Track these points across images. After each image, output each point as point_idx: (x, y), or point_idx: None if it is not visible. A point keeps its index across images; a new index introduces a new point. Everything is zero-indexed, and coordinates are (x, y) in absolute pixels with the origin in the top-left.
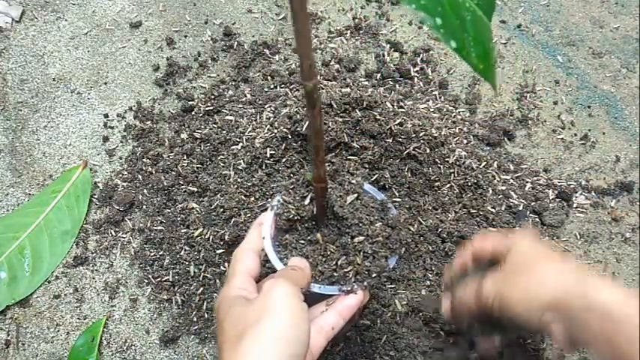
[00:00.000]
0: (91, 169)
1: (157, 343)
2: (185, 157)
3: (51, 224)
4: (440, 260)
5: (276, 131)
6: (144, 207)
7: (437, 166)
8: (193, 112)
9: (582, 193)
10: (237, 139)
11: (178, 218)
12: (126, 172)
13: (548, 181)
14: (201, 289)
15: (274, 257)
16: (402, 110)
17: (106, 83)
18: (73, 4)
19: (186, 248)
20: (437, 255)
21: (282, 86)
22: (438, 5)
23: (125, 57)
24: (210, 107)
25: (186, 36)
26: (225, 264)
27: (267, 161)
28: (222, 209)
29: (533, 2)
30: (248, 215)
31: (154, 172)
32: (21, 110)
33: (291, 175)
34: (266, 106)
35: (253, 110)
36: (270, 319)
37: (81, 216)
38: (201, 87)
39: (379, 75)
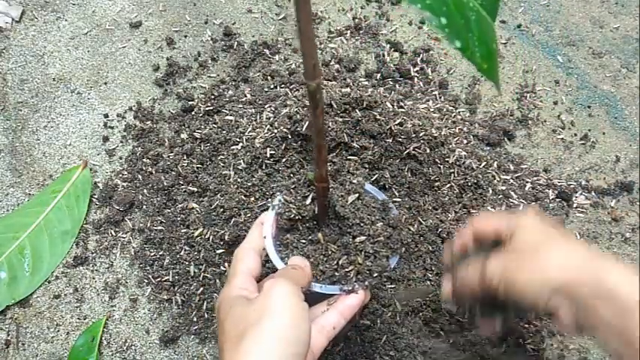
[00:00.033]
0: (91, 169)
1: (157, 343)
2: (185, 157)
3: (51, 224)
4: (440, 260)
5: (276, 131)
6: (144, 207)
7: (437, 166)
8: (193, 112)
9: (582, 193)
10: (237, 139)
11: (178, 218)
12: (126, 172)
13: (548, 181)
14: (201, 289)
15: (275, 257)
16: (402, 110)
17: (106, 83)
18: (73, 4)
19: (186, 248)
20: (437, 255)
21: (282, 86)
22: (443, 5)
23: (125, 57)
24: (210, 107)
25: (186, 36)
26: (226, 264)
27: (267, 161)
28: (222, 209)
29: (533, 2)
30: (248, 215)
31: (153, 172)
32: (21, 110)
33: (291, 175)
34: (266, 106)
35: (253, 110)
36: (271, 318)
37: (81, 216)
38: (201, 87)
39: (379, 75)
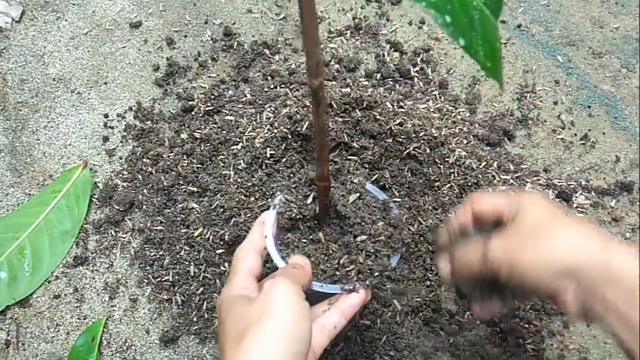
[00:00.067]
0: (91, 169)
1: (157, 343)
2: (185, 157)
3: (51, 224)
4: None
5: (276, 131)
6: (144, 207)
7: (437, 166)
8: (193, 112)
9: (582, 193)
10: (237, 139)
11: (178, 218)
12: (126, 172)
13: (548, 181)
14: (201, 289)
15: (276, 256)
16: (402, 110)
17: (106, 83)
18: (73, 4)
19: (186, 248)
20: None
21: (282, 86)
22: (448, 3)
23: (125, 57)
24: (210, 107)
25: (186, 36)
26: (226, 264)
27: (267, 161)
28: (222, 209)
29: (533, 2)
30: (248, 215)
31: (153, 172)
32: (21, 110)
33: (291, 175)
34: (266, 106)
35: (253, 110)
36: (272, 317)
37: (81, 216)
38: (201, 87)
39: (379, 75)
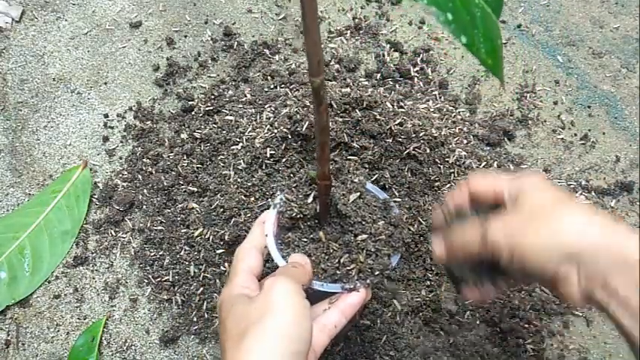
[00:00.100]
0: (91, 169)
1: (157, 343)
2: (185, 157)
3: (51, 224)
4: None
5: (276, 131)
6: (144, 207)
7: (437, 166)
8: (193, 112)
9: (582, 193)
10: (237, 139)
11: (178, 218)
12: (126, 172)
13: None
14: (201, 289)
15: (277, 255)
16: (402, 110)
17: (106, 83)
18: (73, 4)
19: (186, 248)
20: None
21: (282, 86)
22: (449, 1)
23: (125, 57)
24: (210, 107)
25: (186, 36)
26: (226, 264)
27: (267, 161)
28: (222, 209)
29: (533, 2)
30: (248, 215)
31: (153, 172)
32: (21, 110)
33: (291, 175)
34: (266, 106)
35: (253, 110)
36: (273, 316)
37: (81, 216)
38: (201, 87)
39: (379, 75)
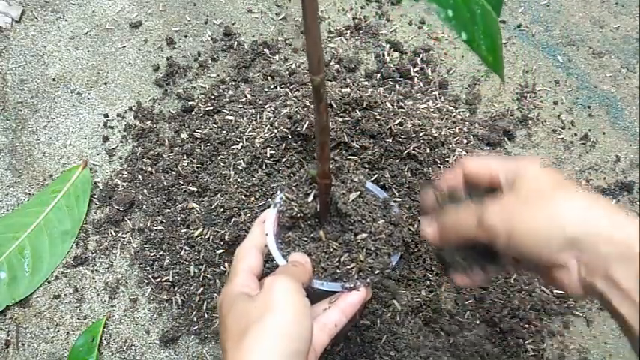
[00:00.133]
0: (91, 169)
1: (157, 343)
2: (185, 157)
3: (51, 224)
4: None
5: (276, 131)
6: (144, 207)
7: (437, 166)
8: (193, 112)
9: None
10: (237, 139)
11: (178, 218)
12: (126, 172)
13: None
14: (201, 289)
15: (277, 254)
16: (402, 110)
17: (106, 83)
18: (73, 4)
19: (186, 248)
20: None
21: (282, 86)
22: None
23: (125, 57)
24: (210, 107)
25: (186, 36)
26: (226, 264)
27: (267, 161)
28: (222, 209)
29: (533, 2)
30: (248, 215)
31: (153, 172)
32: (21, 110)
33: (291, 175)
34: (266, 106)
35: (253, 110)
36: (273, 315)
37: (81, 216)
38: (201, 87)
39: (379, 75)
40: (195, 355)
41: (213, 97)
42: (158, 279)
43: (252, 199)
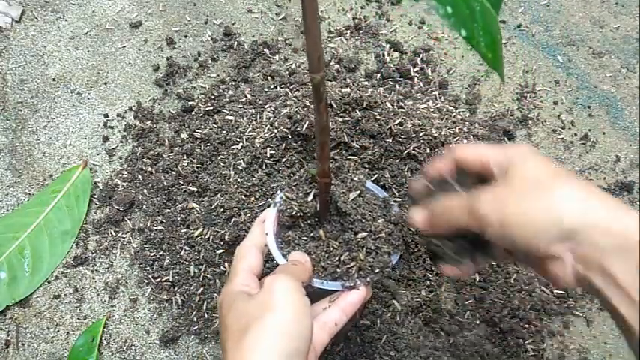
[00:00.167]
0: (91, 169)
1: (157, 343)
2: (185, 157)
3: (51, 224)
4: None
5: (276, 131)
6: (144, 207)
7: None
8: (193, 112)
9: None
10: (237, 139)
11: (178, 218)
12: (126, 172)
13: None
14: (201, 289)
15: (277, 253)
16: (402, 110)
17: (106, 83)
18: (73, 4)
19: (186, 248)
20: None
21: (282, 86)
22: None
23: (125, 57)
24: (210, 107)
25: (186, 36)
26: (226, 264)
27: (267, 161)
28: (222, 209)
29: (533, 2)
30: (248, 215)
31: (153, 172)
32: (21, 110)
33: (291, 175)
34: (266, 106)
35: (253, 110)
36: (273, 313)
37: (81, 216)
38: (201, 87)
39: (379, 75)
40: (195, 355)
41: (213, 97)
42: (158, 279)
43: (252, 199)
